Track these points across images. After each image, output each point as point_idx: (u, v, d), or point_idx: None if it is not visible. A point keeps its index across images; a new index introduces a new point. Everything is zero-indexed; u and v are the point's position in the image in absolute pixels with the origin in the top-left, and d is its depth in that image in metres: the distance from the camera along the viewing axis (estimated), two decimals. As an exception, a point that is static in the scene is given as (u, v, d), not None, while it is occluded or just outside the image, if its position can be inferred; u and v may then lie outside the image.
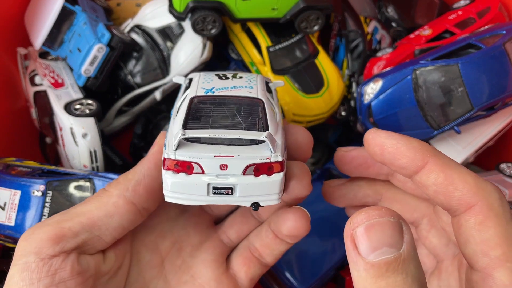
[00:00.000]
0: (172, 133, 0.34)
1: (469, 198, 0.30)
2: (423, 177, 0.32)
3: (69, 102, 0.66)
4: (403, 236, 0.26)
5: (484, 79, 0.60)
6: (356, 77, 0.76)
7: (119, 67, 0.70)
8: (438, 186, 0.31)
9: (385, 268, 0.25)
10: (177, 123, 0.34)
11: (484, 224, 0.29)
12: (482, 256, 0.29)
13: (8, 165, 0.62)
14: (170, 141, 0.33)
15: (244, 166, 0.32)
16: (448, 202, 0.31)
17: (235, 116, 0.35)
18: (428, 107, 0.63)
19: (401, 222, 0.27)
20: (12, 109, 0.75)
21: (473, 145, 0.67)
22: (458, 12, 0.75)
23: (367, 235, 0.26)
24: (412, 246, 0.27)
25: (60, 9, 0.65)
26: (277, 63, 0.72)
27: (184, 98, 0.38)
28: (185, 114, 0.35)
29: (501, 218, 0.29)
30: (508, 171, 0.69)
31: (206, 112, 0.35)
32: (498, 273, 0.28)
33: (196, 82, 0.40)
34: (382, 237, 0.26)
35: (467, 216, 0.30)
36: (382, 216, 0.26)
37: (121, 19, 0.80)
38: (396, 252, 0.26)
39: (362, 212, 0.27)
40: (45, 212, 0.55)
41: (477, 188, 0.30)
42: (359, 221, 0.27)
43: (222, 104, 0.36)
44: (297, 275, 0.67)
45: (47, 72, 0.69)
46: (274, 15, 0.68)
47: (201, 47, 0.69)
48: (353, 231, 0.27)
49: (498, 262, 0.28)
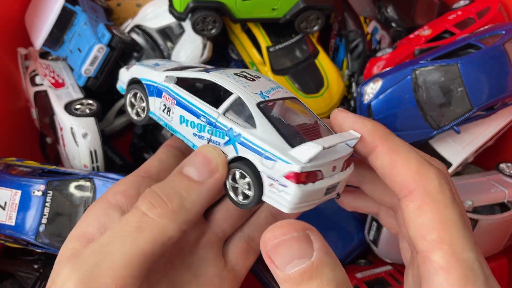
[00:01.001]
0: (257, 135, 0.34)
1: (408, 183, 0.32)
2: (372, 160, 0.34)
3: (70, 102, 0.66)
4: (312, 245, 0.28)
5: (483, 79, 0.60)
6: (356, 77, 0.76)
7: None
8: (384, 169, 0.33)
9: (301, 278, 0.27)
10: (274, 137, 0.33)
11: (421, 209, 0.31)
12: (420, 239, 0.31)
13: (8, 165, 0.62)
14: (274, 151, 0.32)
15: (342, 163, 0.35)
16: (392, 186, 0.33)
17: (308, 119, 0.37)
18: (428, 107, 0.63)
19: (307, 233, 0.28)
20: (13, 109, 0.75)
21: (473, 145, 0.67)
22: (458, 12, 0.75)
23: (277, 252, 0.28)
24: (324, 251, 0.28)
25: (60, 9, 0.65)
26: (277, 63, 0.72)
27: (234, 102, 0.36)
28: (274, 127, 0.34)
29: (438, 203, 0.31)
30: (507, 171, 0.69)
31: (285, 118, 0.36)
32: (435, 256, 0.30)
33: (232, 84, 0.37)
34: (290, 252, 0.28)
35: (407, 201, 0.32)
36: (286, 233, 0.28)
37: (122, 19, 0.80)
38: (308, 261, 0.27)
39: (269, 232, 0.29)
40: (45, 212, 0.55)
41: (417, 173, 0.32)
42: (267, 240, 0.29)
43: (289, 110, 0.37)
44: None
45: (48, 72, 0.69)
46: (274, 15, 0.68)
47: (201, 47, 0.69)
48: (266, 249, 0.29)
49: (435, 245, 0.30)
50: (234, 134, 0.34)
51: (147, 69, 0.42)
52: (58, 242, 0.54)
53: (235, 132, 0.34)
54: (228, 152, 0.35)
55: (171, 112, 0.39)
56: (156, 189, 0.34)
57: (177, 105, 0.38)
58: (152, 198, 0.33)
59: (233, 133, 0.34)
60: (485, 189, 0.64)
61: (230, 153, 0.35)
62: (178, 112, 0.38)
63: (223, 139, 0.35)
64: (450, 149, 0.68)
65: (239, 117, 0.35)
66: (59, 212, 0.55)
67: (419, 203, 0.31)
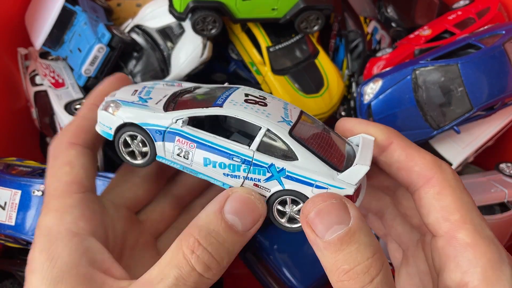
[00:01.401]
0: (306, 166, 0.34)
1: (427, 171, 0.35)
2: (388, 155, 0.37)
3: (70, 102, 0.66)
4: (349, 212, 0.31)
5: (483, 79, 0.60)
6: (356, 77, 0.76)
7: (120, 67, 0.70)
8: (401, 163, 0.36)
9: (340, 243, 0.30)
10: (318, 165, 0.34)
11: (441, 193, 0.34)
12: (443, 221, 0.33)
13: (8, 164, 0.62)
14: (324, 179, 0.33)
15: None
16: (409, 176, 0.35)
17: (319, 129, 0.38)
18: (428, 107, 0.63)
19: (343, 201, 0.31)
20: (13, 109, 0.75)
21: (473, 145, 0.67)
22: (458, 12, 0.75)
23: (318, 219, 0.31)
24: (359, 218, 0.31)
25: (60, 9, 0.65)
26: (277, 63, 0.72)
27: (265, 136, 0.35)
28: (314, 154, 0.34)
29: (455, 188, 0.34)
30: (507, 170, 0.69)
31: (312, 138, 0.36)
32: (460, 234, 0.32)
33: (255, 117, 0.35)
34: (330, 218, 0.30)
35: (426, 188, 0.34)
36: (325, 200, 0.31)
37: (122, 19, 0.80)
38: (346, 227, 0.30)
39: (309, 202, 0.32)
40: (45, 212, 0.55)
41: (433, 163, 0.35)
42: (309, 209, 0.31)
43: (307, 126, 0.37)
44: (297, 275, 0.67)
45: (48, 72, 0.70)
46: (274, 15, 0.68)
47: (201, 47, 0.69)
48: (306, 218, 0.31)
49: (458, 224, 0.33)
50: (278, 169, 0.34)
51: (143, 111, 0.37)
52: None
53: (278, 168, 0.34)
54: (271, 186, 0.35)
55: (190, 155, 0.36)
56: (205, 244, 0.32)
57: (199, 148, 0.36)
58: (205, 257, 0.32)
59: (275, 168, 0.34)
60: (485, 189, 0.64)
61: (273, 187, 0.35)
62: (201, 154, 0.36)
63: (264, 175, 0.34)
64: (450, 149, 0.68)
65: (274, 150, 0.34)
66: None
67: (439, 188, 0.34)
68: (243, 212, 0.34)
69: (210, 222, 0.33)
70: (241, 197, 0.34)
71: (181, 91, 0.41)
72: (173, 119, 0.36)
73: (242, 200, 0.34)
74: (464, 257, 0.32)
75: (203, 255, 0.32)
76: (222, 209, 0.33)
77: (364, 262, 0.29)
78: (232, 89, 0.39)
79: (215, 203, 0.34)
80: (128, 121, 0.37)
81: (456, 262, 0.32)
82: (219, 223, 0.33)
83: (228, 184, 0.36)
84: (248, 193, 0.34)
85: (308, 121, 0.38)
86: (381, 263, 0.30)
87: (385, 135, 0.37)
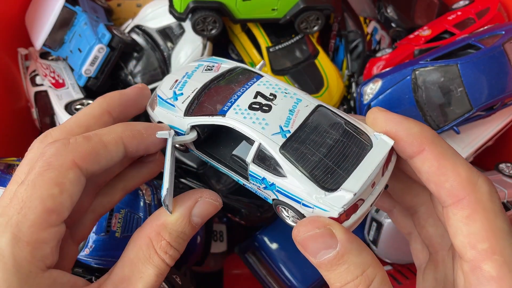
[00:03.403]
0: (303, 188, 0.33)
1: (458, 191, 0.31)
2: (418, 163, 0.33)
3: (70, 102, 0.66)
4: (335, 237, 0.31)
5: (483, 79, 0.60)
6: (356, 77, 0.76)
7: (120, 67, 0.70)
8: (431, 174, 0.32)
9: (329, 265, 0.31)
10: (305, 183, 0.33)
11: (471, 218, 0.31)
12: (470, 248, 0.31)
13: (9, 165, 0.62)
14: (309, 199, 0.33)
15: (380, 171, 0.34)
16: (438, 192, 0.32)
17: (335, 131, 0.36)
18: (428, 107, 0.63)
19: (328, 228, 0.31)
20: (13, 109, 0.75)
21: (473, 145, 0.67)
22: (458, 12, 0.75)
23: (304, 246, 0.32)
24: (347, 240, 0.31)
25: (60, 9, 0.65)
26: (277, 63, 0.72)
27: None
28: (302, 173, 0.33)
29: (489, 211, 0.31)
30: (507, 171, 0.69)
31: (311, 146, 0.35)
32: (486, 266, 0.30)
33: (250, 128, 0.35)
34: (316, 245, 0.31)
35: (455, 209, 0.31)
36: (309, 230, 0.31)
37: (122, 19, 0.80)
38: (333, 251, 0.31)
39: (295, 229, 0.32)
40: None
41: (467, 181, 0.31)
42: (296, 234, 0.32)
43: (312, 129, 0.36)
44: (297, 275, 0.67)
45: (48, 72, 0.70)
46: (274, 15, 0.68)
47: (201, 48, 0.69)
48: (296, 241, 0.32)
49: (486, 254, 0.30)
50: (269, 183, 0.35)
51: (169, 113, 0.40)
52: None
53: (269, 182, 0.35)
54: (269, 194, 0.36)
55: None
56: (175, 245, 0.36)
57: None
58: (176, 254, 0.36)
59: (267, 182, 0.35)
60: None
61: (271, 195, 0.36)
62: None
63: (261, 185, 0.36)
64: (449, 149, 0.68)
65: (267, 164, 0.35)
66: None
67: (469, 212, 0.31)
68: (207, 215, 0.37)
69: (179, 225, 0.35)
70: (208, 203, 0.37)
71: (212, 79, 0.41)
72: (188, 125, 0.38)
73: (209, 205, 0.37)
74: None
75: (174, 253, 0.36)
76: (190, 213, 0.36)
77: (354, 280, 0.30)
78: (252, 82, 0.39)
79: (185, 208, 0.36)
80: (159, 121, 0.41)
81: None
82: (187, 225, 0.36)
83: (241, 181, 0.38)
84: (214, 199, 0.37)
85: (320, 120, 0.36)
86: (370, 279, 0.30)
87: (418, 139, 0.33)
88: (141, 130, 0.37)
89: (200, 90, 0.40)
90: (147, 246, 0.35)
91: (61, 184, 0.32)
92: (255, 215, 0.69)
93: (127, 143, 0.36)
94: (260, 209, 0.68)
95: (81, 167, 0.33)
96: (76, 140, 0.34)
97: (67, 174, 0.33)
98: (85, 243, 0.55)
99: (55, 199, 0.32)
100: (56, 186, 0.32)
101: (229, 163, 0.38)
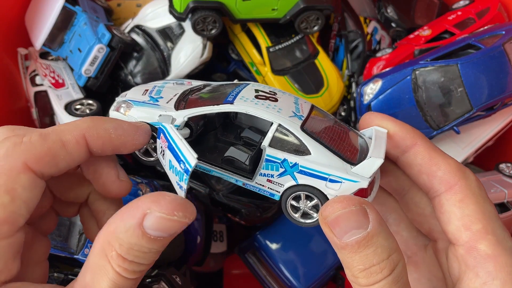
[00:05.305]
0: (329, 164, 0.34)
1: (450, 178, 0.34)
2: (411, 156, 0.36)
3: (70, 102, 0.66)
4: (368, 217, 0.30)
5: (483, 79, 0.60)
6: (356, 78, 0.76)
7: (120, 67, 0.70)
8: (423, 166, 0.35)
9: (357, 246, 0.30)
10: (331, 158, 0.34)
11: (464, 201, 0.33)
12: (464, 230, 0.33)
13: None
14: (338, 173, 0.33)
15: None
16: (431, 181, 0.35)
17: (332, 123, 0.38)
18: (428, 107, 0.63)
19: (363, 207, 0.31)
20: (13, 109, 0.75)
21: (473, 145, 0.67)
22: (458, 12, 0.75)
23: (336, 223, 0.31)
24: (378, 222, 0.31)
25: (60, 9, 0.65)
26: (277, 63, 0.72)
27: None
28: (327, 148, 0.34)
29: (478, 196, 0.33)
30: (507, 171, 0.69)
31: (324, 132, 0.35)
32: (481, 245, 0.32)
33: (266, 112, 0.35)
34: (348, 224, 0.30)
35: (448, 195, 0.34)
36: (345, 207, 0.31)
37: (122, 19, 0.80)
38: (364, 232, 0.30)
39: (329, 206, 0.31)
40: (45, 212, 0.55)
41: (457, 169, 0.34)
42: (328, 213, 0.31)
43: (319, 120, 0.37)
44: (297, 275, 0.67)
45: (48, 72, 0.70)
46: (274, 15, 0.68)
47: (201, 48, 0.69)
48: (325, 220, 0.31)
49: (480, 235, 0.32)
50: (290, 164, 0.34)
51: (155, 110, 0.37)
52: (58, 241, 0.55)
53: (291, 163, 0.34)
54: (284, 182, 0.35)
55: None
56: (130, 257, 0.31)
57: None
58: (135, 267, 0.31)
59: (288, 163, 0.34)
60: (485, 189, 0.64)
61: (287, 182, 0.35)
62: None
63: (277, 171, 0.35)
64: (450, 149, 0.68)
65: (287, 145, 0.34)
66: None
67: (461, 196, 0.33)
68: (166, 229, 0.29)
69: (131, 237, 0.29)
70: (160, 219, 0.29)
71: (191, 89, 0.41)
72: (185, 117, 0.36)
73: (162, 221, 0.29)
74: (484, 268, 0.31)
75: (131, 267, 0.30)
76: (141, 226, 0.29)
77: (379, 263, 0.30)
78: (242, 86, 0.39)
79: (132, 219, 0.29)
80: (141, 121, 0.37)
81: (476, 272, 0.32)
82: (140, 238, 0.29)
83: (241, 181, 0.37)
84: (168, 212, 0.29)
85: (319, 116, 0.38)
86: (395, 264, 0.30)
87: (410, 134, 0.36)
88: (109, 129, 0.33)
89: (183, 94, 0.39)
90: (100, 255, 0.30)
91: (11, 191, 0.29)
92: (255, 215, 0.69)
93: (91, 143, 0.33)
94: (260, 209, 0.68)
95: (35, 171, 0.30)
96: (30, 139, 0.31)
97: (19, 179, 0.29)
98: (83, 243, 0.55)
99: (6, 208, 0.29)
100: (5, 193, 0.29)
101: (223, 165, 0.37)
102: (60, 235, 0.55)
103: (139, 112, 0.38)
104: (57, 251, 0.53)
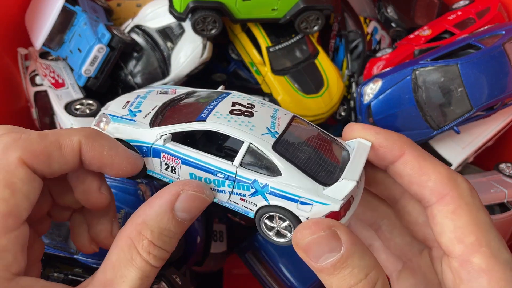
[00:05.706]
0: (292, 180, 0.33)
1: (441, 188, 0.32)
2: (400, 166, 0.34)
3: (70, 102, 0.66)
4: (340, 239, 0.30)
5: (483, 79, 0.60)
6: (356, 77, 0.76)
7: (120, 67, 0.70)
8: (413, 176, 0.34)
9: (333, 269, 0.30)
10: (302, 179, 0.33)
11: (456, 213, 0.32)
12: (457, 243, 0.31)
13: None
14: (308, 195, 0.32)
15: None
16: (421, 192, 0.33)
17: (313, 133, 0.37)
18: (428, 107, 0.63)
19: (333, 230, 0.30)
20: (13, 109, 0.75)
21: (473, 145, 0.67)
22: (458, 12, 0.75)
23: (309, 248, 0.30)
24: (352, 243, 0.30)
25: (60, 9, 0.65)
26: (277, 63, 0.72)
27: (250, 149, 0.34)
28: (298, 169, 0.33)
29: (471, 206, 0.32)
30: (507, 171, 0.69)
31: (301, 147, 0.35)
32: (475, 258, 0.31)
33: (237, 130, 0.34)
34: (320, 248, 0.30)
35: (440, 206, 0.32)
36: (314, 233, 0.30)
37: (122, 19, 0.80)
38: (337, 254, 0.30)
39: (298, 233, 0.31)
40: (45, 212, 0.55)
41: (448, 178, 0.33)
42: (298, 239, 0.31)
43: (298, 132, 0.36)
44: (297, 275, 0.67)
45: (48, 72, 0.70)
46: (274, 15, 0.68)
47: (201, 47, 0.69)
48: (298, 246, 0.31)
49: (473, 248, 0.31)
50: (261, 185, 0.33)
51: (129, 128, 0.37)
52: (58, 241, 0.54)
53: (261, 184, 0.33)
54: (256, 201, 0.34)
55: (177, 170, 0.36)
56: (159, 243, 0.33)
57: (184, 164, 0.36)
58: (161, 254, 0.34)
59: (259, 184, 0.33)
60: (485, 189, 0.64)
61: (259, 202, 0.34)
62: (187, 170, 0.36)
63: (249, 191, 0.34)
64: (450, 149, 0.68)
65: (258, 165, 0.34)
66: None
67: (453, 207, 0.32)
68: (194, 209, 0.34)
69: (161, 221, 0.32)
70: (192, 196, 0.33)
71: (173, 99, 0.40)
72: (158, 135, 0.36)
73: (194, 199, 0.33)
74: (477, 283, 0.30)
75: (159, 253, 0.33)
76: (173, 208, 0.33)
77: (357, 284, 0.30)
78: (222, 96, 0.38)
79: (165, 201, 0.33)
80: (117, 137, 0.37)
81: (470, 286, 0.31)
82: (170, 221, 0.33)
83: (217, 198, 0.36)
84: (199, 191, 0.34)
85: (300, 127, 0.37)
86: (373, 282, 0.30)
87: (397, 144, 0.34)
88: (104, 146, 0.34)
89: (162, 107, 0.39)
90: (129, 247, 0.32)
91: (11, 185, 0.30)
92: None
93: (83, 153, 0.33)
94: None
95: (30, 164, 0.31)
96: (28, 136, 0.32)
97: (17, 173, 0.30)
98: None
99: (8, 202, 0.30)
100: (5, 187, 0.30)
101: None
102: (60, 235, 0.55)
103: (115, 129, 0.38)
104: (57, 251, 0.53)
